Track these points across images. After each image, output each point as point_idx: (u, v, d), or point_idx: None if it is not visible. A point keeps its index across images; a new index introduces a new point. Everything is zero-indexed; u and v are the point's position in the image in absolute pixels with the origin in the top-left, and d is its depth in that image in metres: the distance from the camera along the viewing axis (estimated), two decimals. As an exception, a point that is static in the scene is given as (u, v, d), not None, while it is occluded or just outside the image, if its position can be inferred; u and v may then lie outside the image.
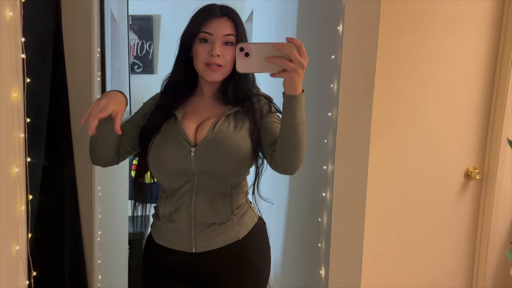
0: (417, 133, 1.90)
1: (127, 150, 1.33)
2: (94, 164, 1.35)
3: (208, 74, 1.26)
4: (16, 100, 1.00)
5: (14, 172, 1.00)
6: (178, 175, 1.27)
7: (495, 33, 1.88)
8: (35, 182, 1.17)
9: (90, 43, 1.51)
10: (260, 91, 1.36)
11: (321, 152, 1.75)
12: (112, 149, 1.28)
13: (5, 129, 0.96)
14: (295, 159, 1.18)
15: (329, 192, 1.67)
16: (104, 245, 1.79)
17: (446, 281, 2.04)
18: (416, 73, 1.86)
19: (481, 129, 1.95)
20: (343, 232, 1.64)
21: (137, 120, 1.35)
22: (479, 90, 1.92)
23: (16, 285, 1.04)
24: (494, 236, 1.96)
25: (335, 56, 1.62)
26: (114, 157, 1.31)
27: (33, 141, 1.13)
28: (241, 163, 1.27)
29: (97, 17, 1.60)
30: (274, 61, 1.05)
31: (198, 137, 1.27)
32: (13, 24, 0.99)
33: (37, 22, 1.20)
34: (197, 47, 1.26)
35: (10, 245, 1.00)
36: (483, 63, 1.90)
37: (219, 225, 1.30)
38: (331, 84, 1.65)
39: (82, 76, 1.52)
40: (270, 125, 1.28)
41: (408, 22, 1.81)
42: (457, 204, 1.99)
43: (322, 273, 1.73)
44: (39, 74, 1.21)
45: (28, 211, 1.08)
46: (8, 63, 0.97)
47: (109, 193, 1.94)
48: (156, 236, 1.36)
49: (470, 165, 1.97)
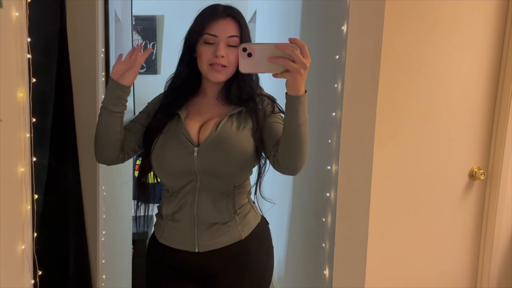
0: (421, 133, 1.89)
1: (132, 148, 1.34)
2: (98, 162, 1.36)
3: (212, 74, 1.27)
4: (22, 100, 1.01)
5: (20, 172, 1.01)
6: (181, 175, 1.27)
7: (500, 32, 1.87)
8: (40, 182, 1.18)
9: (95, 43, 1.52)
10: (263, 91, 1.36)
11: (325, 152, 1.75)
12: (116, 145, 1.29)
13: (11, 129, 0.96)
14: (298, 159, 1.18)
15: (333, 192, 1.67)
16: (108, 244, 1.79)
17: (450, 281, 2.04)
18: (421, 73, 1.85)
19: (486, 129, 1.94)
20: (347, 232, 1.63)
21: (141, 119, 1.36)
22: (484, 90, 1.91)
23: (21, 284, 1.04)
24: (499, 236, 1.96)
25: (339, 56, 1.62)
26: (118, 154, 1.31)
27: (39, 141, 1.14)
28: (244, 163, 1.27)
29: (101, 17, 1.61)
30: (277, 61, 1.05)
31: (201, 137, 1.27)
32: (19, 24, 0.99)
33: (42, 22, 1.20)
34: (201, 47, 1.27)
35: (16, 244, 1.01)
36: (488, 63, 1.89)
37: (221, 224, 1.30)
38: (335, 84, 1.65)
39: (87, 76, 1.52)
40: (273, 126, 1.28)
41: (413, 22, 1.81)
42: (461, 204, 1.98)
43: (326, 273, 1.72)
44: (44, 74, 1.22)
45: (34, 210, 1.09)
46: (14, 63, 0.98)
47: (113, 193, 1.95)
48: (159, 235, 1.36)
49: (475, 165, 1.96)
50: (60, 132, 1.41)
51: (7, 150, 0.94)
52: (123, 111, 1.29)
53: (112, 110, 1.25)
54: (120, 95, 1.25)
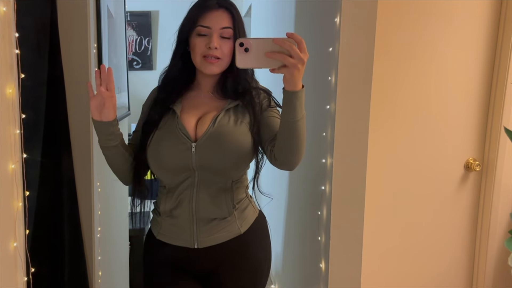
0: (416, 126, 1.89)
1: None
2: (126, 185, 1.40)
3: (206, 67, 1.25)
4: (11, 96, 1.00)
5: (10, 169, 1.00)
6: (179, 171, 1.26)
7: (494, 23, 1.86)
8: (32, 178, 1.17)
9: (87, 38, 1.51)
10: (259, 84, 1.35)
11: (320, 145, 1.75)
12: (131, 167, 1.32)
13: (0, 126, 0.95)
14: (295, 155, 1.17)
15: (328, 185, 1.66)
16: (104, 241, 1.79)
17: (446, 272, 2.04)
18: (415, 65, 1.85)
19: (481, 120, 1.94)
20: (343, 225, 1.63)
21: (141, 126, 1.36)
22: (479, 81, 1.91)
23: (14, 282, 1.04)
24: (495, 228, 1.96)
25: (332, 49, 1.61)
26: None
27: (30, 137, 1.13)
28: (242, 158, 1.27)
29: (93, 12, 1.59)
30: (274, 56, 1.03)
31: (198, 132, 1.26)
32: (7, 19, 0.98)
33: (31, 17, 1.19)
34: (194, 40, 1.25)
35: (8, 241, 1.00)
36: (483, 53, 1.89)
37: (220, 220, 1.30)
38: (329, 77, 1.64)
39: (79, 71, 1.51)
40: (270, 120, 1.27)
41: (406, 13, 1.80)
42: (457, 196, 1.99)
43: (323, 267, 1.73)
44: (34, 69, 1.21)
45: (25, 207, 1.08)
46: (3, 59, 0.97)
47: (108, 189, 1.94)
48: (156, 232, 1.36)
49: (470, 156, 1.96)
50: (53, 128, 1.40)
51: (-4, 147, 0.94)
52: (121, 139, 1.29)
53: (111, 145, 1.26)
54: (111, 131, 1.25)
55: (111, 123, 1.24)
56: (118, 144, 1.28)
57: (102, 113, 1.21)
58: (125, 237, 2.66)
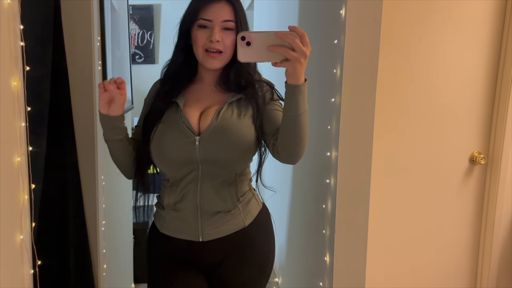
0: (421, 119, 1.88)
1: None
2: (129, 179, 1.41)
3: (208, 61, 1.25)
4: (16, 88, 1.00)
5: (16, 162, 1.00)
6: (182, 164, 1.26)
7: (500, 17, 1.85)
8: (37, 171, 1.17)
9: (90, 31, 1.50)
10: (261, 77, 1.35)
11: (325, 139, 1.74)
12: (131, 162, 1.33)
13: (5, 119, 0.95)
14: (297, 149, 1.17)
15: (333, 178, 1.66)
16: (108, 234, 1.79)
17: (450, 264, 2.05)
18: (420, 58, 1.84)
19: (486, 113, 1.93)
20: (348, 218, 1.63)
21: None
22: (484, 75, 1.90)
23: (21, 274, 1.04)
24: (500, 221, 1.96)
25: (337, 41, 1.60)
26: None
27: (35, 130, 1.12)
28: (246, 151, 1.26)
29: (96, 6, 1.59)
30: (276, 50, 1.02)
31: (202, 125, 1.26)
32: (11, 11, 0.98)
33: (35, 9, 1.19)
34: (196, 33, 1.24)
35: (14, 234, 1.00)
36: (488, 47, 1.87)
37: (225, 213, 1.30)
38: (334, 70, 1.64)
39: (83, 64, 1.51)
40: (273, 113, 1.27)
41: (412, 5, 1.79)
42: (462, 189, 1.98)
43: (327, 260, 1.73)
44: (39, 62, 1.20)
45: (31, 200, 1.08)
46: (8, 51, 0.96)
47: (113, 182, 1.94)
48: (160, 225, 1.36)
49: (475, 150, 1.96)
50: (57, 121, 1.39)
51: (2, 140, 0.94)
52: (126, 133, 1.29)
53: (115, 139, 1.26)
54: (116, 125, 1.25)
55: (118, 118, 1.24)
56: (123, 138, 1.28)
57: (110, 107, 1.21)
58: (129, 230, 2.67)
